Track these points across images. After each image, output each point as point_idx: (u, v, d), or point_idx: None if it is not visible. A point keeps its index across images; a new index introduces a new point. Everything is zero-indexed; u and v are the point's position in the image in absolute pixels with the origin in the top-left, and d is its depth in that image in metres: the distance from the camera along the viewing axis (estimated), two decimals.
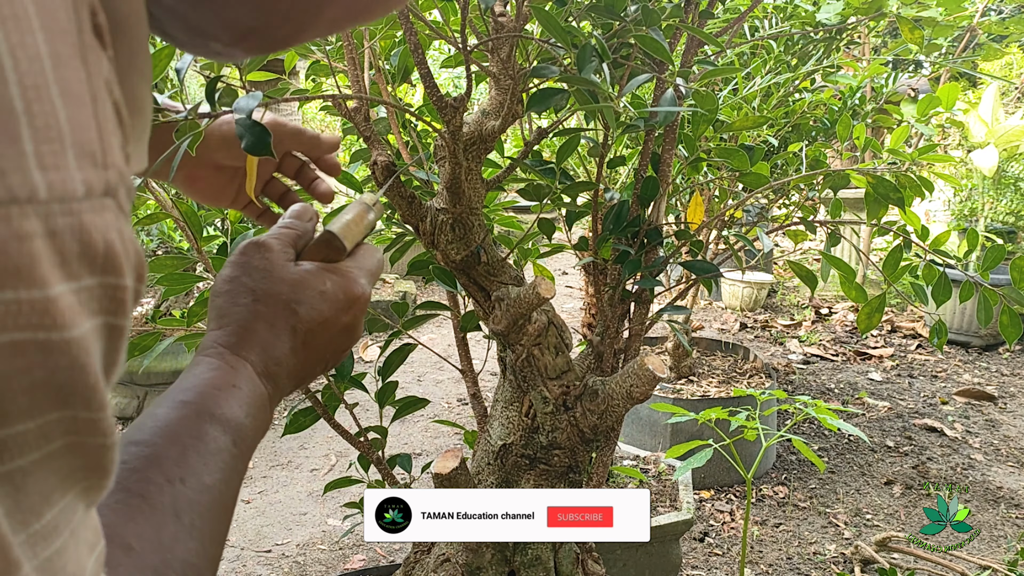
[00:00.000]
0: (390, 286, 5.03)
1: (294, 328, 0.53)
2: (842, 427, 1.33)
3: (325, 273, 0.56)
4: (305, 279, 0.55)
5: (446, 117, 0.85)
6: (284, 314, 0.53)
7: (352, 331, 0.58)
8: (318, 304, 0.54)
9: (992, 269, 1.03)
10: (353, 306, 0.57)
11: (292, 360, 0.53)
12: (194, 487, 0.42)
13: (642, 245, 1.05)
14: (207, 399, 0.46)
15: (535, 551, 1.07)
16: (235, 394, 0.47)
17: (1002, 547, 2.47)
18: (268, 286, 0.53)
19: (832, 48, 1.92)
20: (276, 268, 0.55)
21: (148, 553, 0.38)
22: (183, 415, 0.45)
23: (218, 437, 0.45)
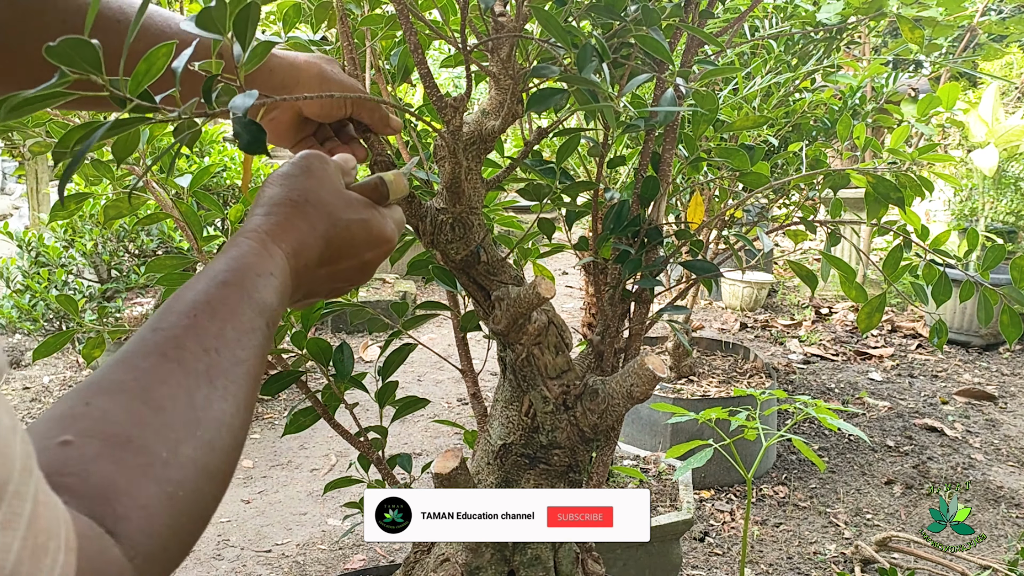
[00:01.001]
0: (390, 286, 5.03)
1: (330, 239, 0.56)
2: (842, 427, 1.33)
3: (370, 206, 0.61)
4: (353, 202, 0.59)
5: (446, 117, 0.85)
6: (326, 223, 0.56)
7: (368, 268, 0.63)
8: (356, 228, 0.59)
9: (992, 269, 1.03)
10: (380, 245, 0.62)
11: (316, 266, 0.56)
12: (228, 359, 0.44)
13: (642, 245, 1.05)
14: (246, 281, 0.49)
15: (535, 551, 1.07)
16: (271, 281, 0.50)
17: (1002, 547, 2.47)
18: (321, 193, 0.56)
19: (832, 48, 1.92)
20: (332, 181, 0.59)
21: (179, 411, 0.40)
22: (223, 293, 0.47)
23: (254, 318, 0.48)
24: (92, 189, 2.62)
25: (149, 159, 1.10)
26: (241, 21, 0.53)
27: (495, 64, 0.86)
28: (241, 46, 0.54)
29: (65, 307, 1.10)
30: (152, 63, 0.48)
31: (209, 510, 0.43)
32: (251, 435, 3.22)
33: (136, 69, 0.48)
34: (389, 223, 0.63)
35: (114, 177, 1.06)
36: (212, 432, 0.42)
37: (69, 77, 0.44)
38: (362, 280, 0.64)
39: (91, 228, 3.00)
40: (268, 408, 3.49)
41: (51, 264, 2.96)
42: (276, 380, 1.07)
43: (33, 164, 5.11)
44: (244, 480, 2.84)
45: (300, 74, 0.75)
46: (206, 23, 0.52)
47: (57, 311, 2.90)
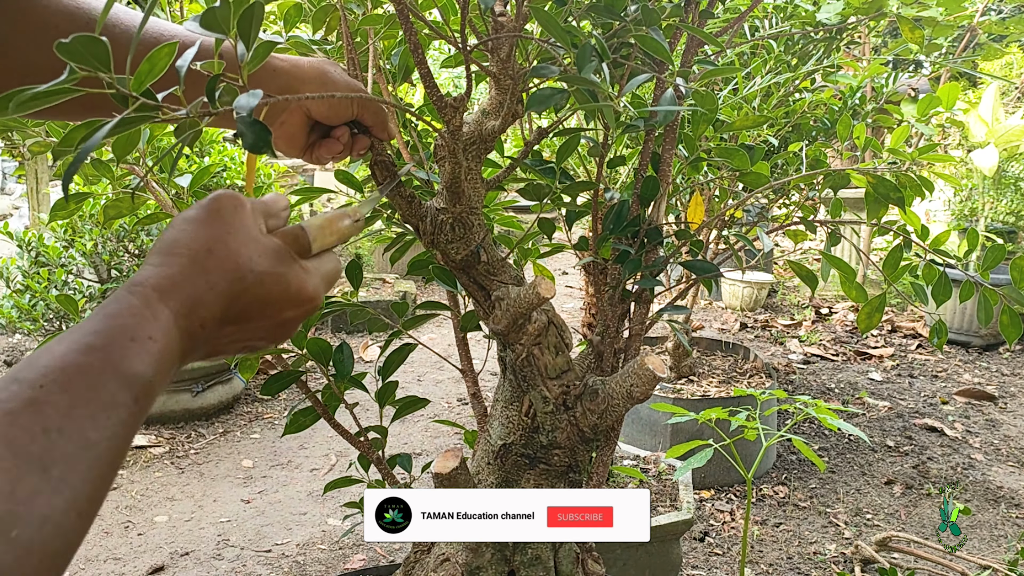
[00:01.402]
0: (390, 286, 5.02)
1: (235, 295, 0.49)
2: (842, 427, 1.33)
3: (289, 259, 0.53)
4: (269, 252, 0.52)
5: (446, 117, 0.85)
6: (231, 277, 0.49)
7: (288, 327, 0.55)
8: (269, 283, 0.51)
9: (992, 269, 1.03)
10: (302, 304, 0.54)
11: (218, 327, 0.50)
12: (74, 442, 0.38)
13: (642, 245, 1.05)
14: (115, 347, 0.42)
15: (535, 551, 1.07)
16: (148, 347, 0.44)
17: (1002, 547, 2.47)
18: (228, 242, 0.49)
19: (832, 48, 1.92)
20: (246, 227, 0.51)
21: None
22: (83, 361, 0.41)
23: (117, 392, 0.41)
24: (92, 189, 2.62)
25: (150, 159, 1.10)
26: (245, 21, 0.53)
27: (495, 64, 0.86)
28: (245, 45, 0.54)
29: (65, 307, 1.10)
30: (155, 63, 0.48)
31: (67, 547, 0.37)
32: (251, 435, 3.22)
33: (139, 68, 0.48)
34: (312, 278, 0.55)
35: (114, 177, 1.06)
36: (32, 531, 0.35)
37: (78, 74, 0.44)
38: (282, 338, 0.56)
39: (91, 228, 3.00)
40: (268, 408, 3.49)
41: (51, 264, 2.96)
42: (276, 380, 1.07)
43: (33, 164, 5.11)
44: (244, 480, 2.84)
45: (303, 77, 0.75)
46: (210, 23, 0.52)
47: (57, 311, 2.90)
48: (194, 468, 2.92)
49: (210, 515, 2.58)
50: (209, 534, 2.46)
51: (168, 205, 1.07)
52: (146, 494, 2.70)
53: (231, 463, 2.97)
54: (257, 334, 0.54)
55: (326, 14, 1.05)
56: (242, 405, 3.49)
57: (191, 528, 2.50)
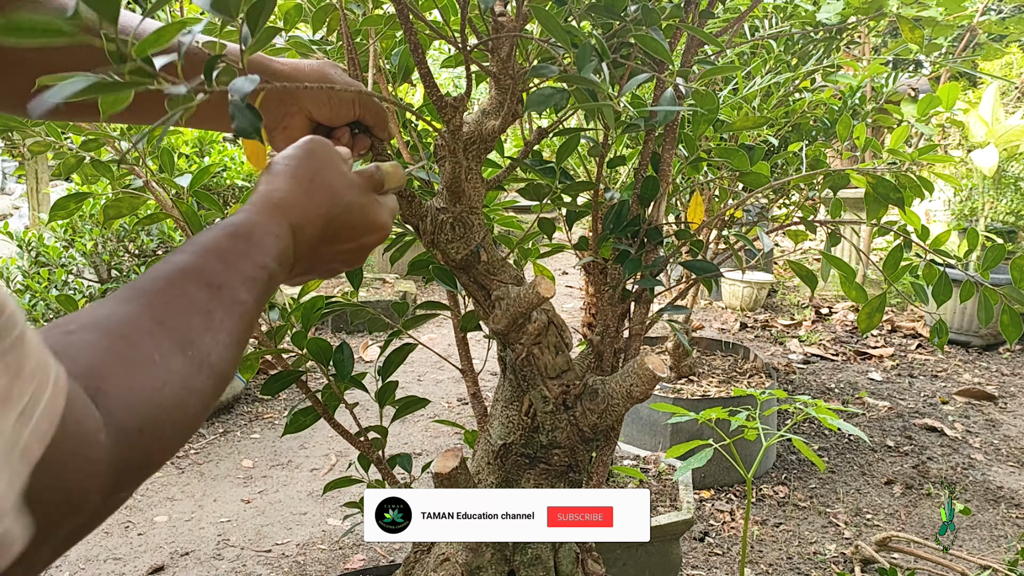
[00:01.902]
0: (390, 286, 5.03)
1: (331, 218, 0.59)
2: (842, 427, 1.33)
3: (368, 191, 0.64)
4: (354, 185, 0.62)
5: (446, 117, 0.85)
6: (329, 202, 0.59)
7: (364, 251, 0.66)
8: (356, 211, 0.62)
9: (992, 269, 1.03)
10: (376, 230, 0.65)
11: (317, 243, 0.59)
12: (228, 297, 0.48)
13: (642, 245, 1.05)
14: (254, 236, 0.53)
15: (535, 551, 1.07)
16: (275, 242, 0.54)
17: (1002, 547, 2.47)
18: (324, 174, 0.60)
19: (832, 48, 1.92)
20: (337, 164, 0.62)
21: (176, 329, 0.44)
22: (232, 242, 0.51)
23: (256, 269, 0.51)
24: (92, 189, 2.62)
25: (150, 160, 1.10)
26: (255, 9, 0.54)
27: (495, 64, 0.86)
28: (251, 30, 0.55)
29: (65, 307, 1.10)
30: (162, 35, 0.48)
31: (186, 426, 0.44)
32: (251, 435, 3.22)
33: (146, 38, 0.47)
34: (385, 210, 0.66)
35: (114, 177, 1.06)
36: (202, 355, 0.45)
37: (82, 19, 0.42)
38: (357, 262, 0.67)
39: (91, 228, 3.00)
40: (268, 408, 3.49)
41: (51, 264, 2.96)
42: (276, 380, 1.07)
43: (33, 164, 5.11)
44: (244, 480, 2.84)
45: (304, 78, 0.76)
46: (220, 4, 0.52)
47: (57, 311, 2.90)
48: (194, 468, 2.92)
49: (210, 515, 2.58)
50: (209, 534, 2.46)
51: (168, 205, 1.07)
52: (146, 494, 2.70)
53: (231, 463, 2.97)
54: (342, 256, 0.64)
55: (326, 14, 1.05)
56: (242, 405, 3.49)
57: (191, 528, 2.50)
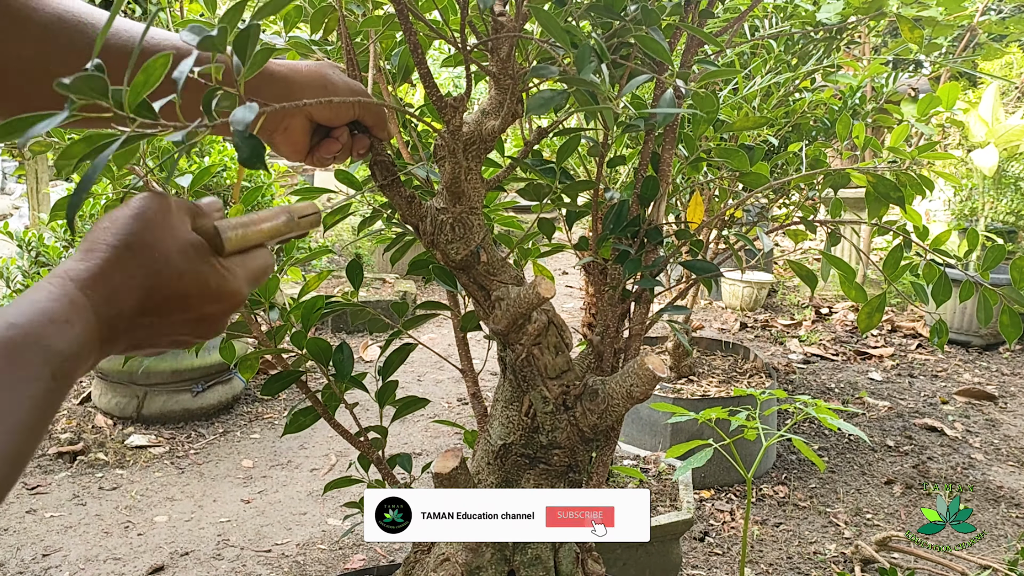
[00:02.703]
0: (390, 286, 5.02)
1: (151, 290, 0.52)
2: (842, 427, 1.33)
3: (208, 255, 0.56)
4: (189, 250, 0.55)
5: (446, 117, 0.85)
6: (148, 272, 0.52)
7: (213, 322, 0.58)
8: (189, 279, 0.54)
9: (992, 269, 1.03)
10: (220, 299, 0.57)
11: (137, 320, 0.52)
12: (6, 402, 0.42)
13: (642, 245, 1.05)
14: (36, 326, 0.45)
15: (535, 550, 1.07)
16: (65, 329, 0.47)
17: (1002, 546, 2.47)
18: (146, 239, 0.52)
19: (832, 48, 1.92)
20: (165, 226, 0.54)
21: None
22: (5, 336, 0.44)
23: (35, 367, 0.44)
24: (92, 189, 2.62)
25: (150, 160, 1.10)
26: (241, 41, 0.54)
27: (495, 64, 0.86)
28: (241, 60, 0.55)
29: None
30: (150, 74, 0.49)
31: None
32: (251, 435, 3.22)
33: (135, 80, 0.48)
34: (234, 276, 0.58)
35: (114, 177, 1.06)
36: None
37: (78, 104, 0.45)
38: (209, 332, 0.59)
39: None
40: (268, 408, 3.49)
41: (51, 264, 2.96)
42: (276, 380, 1.07)
43: (33, 164, 5.11)
44: (244, 480, 2.84)
45: (302, 81, 0.76)
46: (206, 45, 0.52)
47: None
48: (194, 468, 2.92)
49: (210, 515, 2.58)
50: (209, 534, 2.46)
51: None
52: (146, 494, 2.70)
53: (231, 463, 2.97)
54: (180, 328, 0.56)
55: (324, 15, 1.05)
56: (242, 405, 3.49)
57: (191, 528, 2.50)
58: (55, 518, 2.53)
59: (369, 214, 1.18)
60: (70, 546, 2.37)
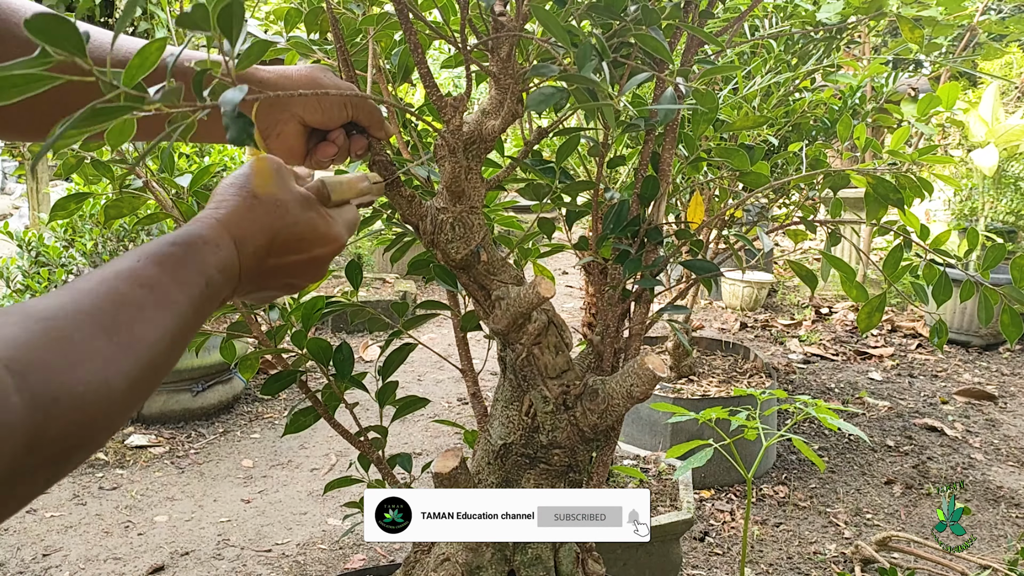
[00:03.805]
0: (390, 286, 5.02)
1: (275, 232, 0.61)
2: (842, 427, 1.33)
3: (316, 205, 0.65)
4: (301, 201, 0.63)
5: (446, 116, 0.85)
6: (272, 217, 0.61)
7: (319, 264, 0.66)
8: (303, 225, 0.63)
9: (992, 268, 1.03)
10: (327, 242, 0.66)
11: (264, 256, 0.61)
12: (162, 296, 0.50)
13: (642, 245, 1.05)
14: (193, 246, 0.55)
15: (535, 550, 1.07)
16: (215, 251, 0.56)
17: (1002, 546, 2.47)
18: (270, 190, 0.61)
19: (832, 47, 1.92)
20: (283, 180, 0.63)
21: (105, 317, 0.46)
22: (171, 251, 0.53)
23: (193, 275, 0.53)
24: (92, 189, 2.62)
25: (150, 160, 1.10)
26: (224, 18, 0.53)
27: (495, 64, 0.86)
28: (229, 41, 0.54)
29: None
30: (145, 57, 0.48)
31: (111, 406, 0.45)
32: (251, 435, 3.22)
33: (130, 63, 0.48)
34: (336, 223, 0.67)
35: (114, 177, 1.06)
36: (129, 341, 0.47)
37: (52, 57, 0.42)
38: (316, 275, 0.67)
39: (91, 228, 3.00)
40: (268, 408, 3.49)
41: (51, 264, 2.96)
42: (276, 380, 1.07)
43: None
44: (244, 480, 2.84)
45: (292, 85, 0.76)
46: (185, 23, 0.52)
47: None
48: (194, 468, 2.92)
49: (210, 515, 2.58)
50: (209, 534, 2.46)
51: (168, 205, 1.07)
52: (146, 494, 2.70)
53: (231, 463, 2.97)
54: (296, 269, 0.65)
55: (316, 16, 1.05)
56: (242, 405, 3.49)
57: (191, 528, 2.50)
58: (55, 518, 2.53)
59: (369, 214, 1.18)
60: (70, 546, 2.37)
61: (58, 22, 0.42)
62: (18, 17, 0.65)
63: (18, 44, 0.64)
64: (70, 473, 0.46)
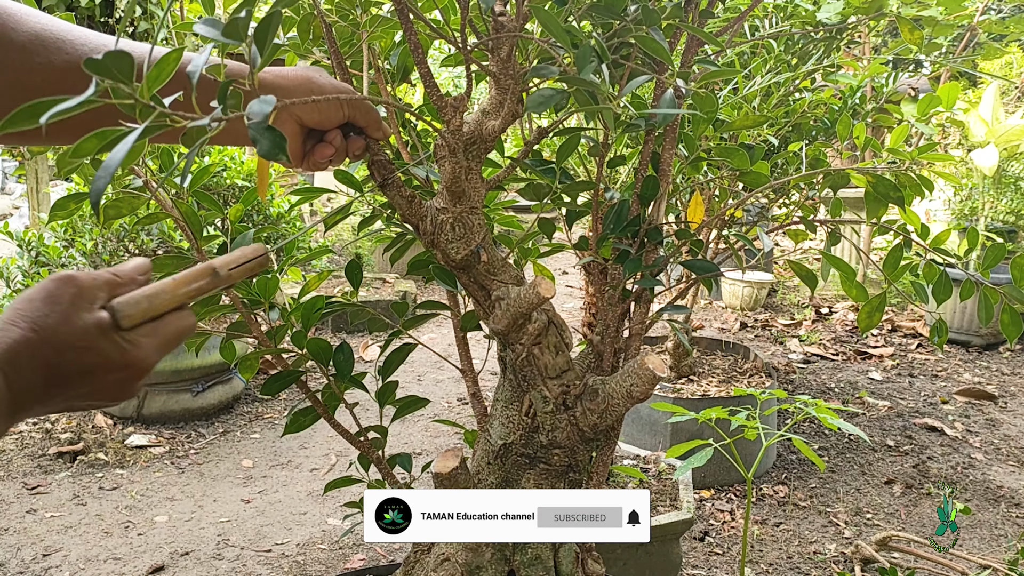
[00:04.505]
0: (390, 286, 5.02)
1: (56, 368, 0.58)
2: (842, 426, 1.33)
3: (109, 332, 0.60)
4: (86, 330, 0.59)
5: (446, 116, 0.85)
6: (50, 353, 0.58)
7: (118, 387, 0.62)
8: (90, 357, 0.59)
9: (992, 268, 1.03)
10: (124, 369, 0.61)
11: (46, 392, 0.58)
12: None
13: (642, 244, 1.05)
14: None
15: (535, 550, 1.07)
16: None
17: (1002, 546, 2.47)
18: (53, 321, 0.58)
19: (832, 47, 1.92)
20: (71, 307, 0.59)
21: None
22: None
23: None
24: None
25: (149, 159, 1.10)
26: (262, 28, 0.54)
27: (495, 64, 0.86)
28: (260, 50, 0.55)
29: None
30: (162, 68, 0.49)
31: None
32: (251, 435, 3.22)
33: (147, 75, 0.49)
34: (137, 348, 0.62)
35: (113, 178, 1.06)
36: None
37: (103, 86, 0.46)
38: (120, 396, 0.64)
39: (91, 228, 3.00)
40: (268, 408, 3.49)
41: (51, 264, 2.96)
42: (276, 380, 1.07)
43: (33, 164, 5.11)
44: (244, 480, 2.84)
45: (288, 87, 0.76)
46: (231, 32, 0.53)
47: None
48: (194, 468, 2.92)
49: (210, 515, 2.58)
50: (209, 534, 2.46)
51: (168, 205, 1.07)
52: (146, 494, 2.70)
53: (231, 463, 2.97)
54: (91, 396, 0.62)
55: (309, 23, 1.05)
56: (242, 405, 3.49)
57: (191, 528, 2.50)
58: (55, 518, 2.53)
59: (369, 214, 1.18)
60: (70, 546, 2.37)
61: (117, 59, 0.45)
62: (15, 23, 0.65)
63: (16, 48, 0.65)
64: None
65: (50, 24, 0.67)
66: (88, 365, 0.59)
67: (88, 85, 0.46)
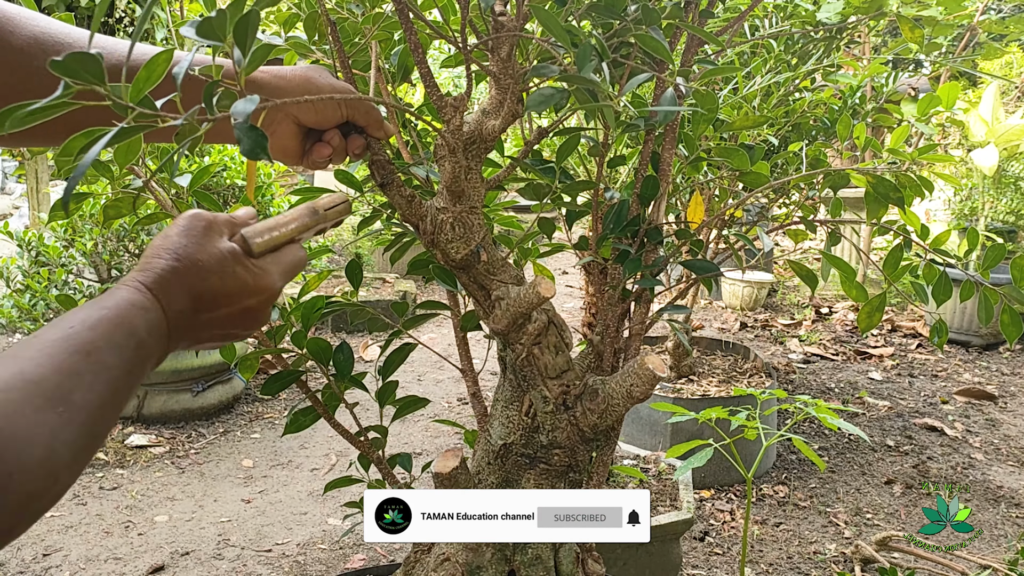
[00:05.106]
0: (390, 286, 5.02)
1: (201, 292, 0.63)
2: (842, 426, 1.33)
3: (243, 259, 0.66)
4: (224, 257, 0.65)
5: (446, 116, 0.85)
6: (193, 279, 0.63)
7: (253, 314, 0.68)
8: (228, 281, 0.65)
9: (992, 268, 1.03)
10: (258, 293, 0.67)
11: (194, 317, 0.63)
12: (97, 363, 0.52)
13: (642, 244, 1.05)
14: (122, 310, 0.57)
15: (535, 550, 1.07)
16: (144, 314, 0.58)
17: (1002, 546, 2.47)
18: (192, 251, 0.63)
19: (832, 47, 1.92)
20: (206, 239, 0.65)
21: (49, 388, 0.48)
22: (101, 316, 0.55)
23: (124, 338, 0.56)
24: (91, 189, 2.62)
25: (150, 160, 1.10)
26: (241, 28, 0.54)
27: (495, 64, 0.86)
28: (241, 51, 0.55)
29: (65, 307, 1.10)
30: (152, 70, 0.49)
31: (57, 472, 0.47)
32: (251, 435, 3.22)
33: (137, 76, 0.49)
34: (266, 274, 0.68)
35: (114, 177, 1.06)
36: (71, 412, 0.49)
37: (72, 88, 0.46)
38: (252, 325, 0.69)
39: (91, 228, 3.00)
40: (268, 408, 3.49)
41: (51, 264, 2.96)
42: (276, 380, 1.07)
43: (33, 164, 5.11)
44: (244, 480, 2.84)
45: (287, 87, 0.76)
46: (207, 32, 0.53)
47: (57, 311, 2.90)
48: (194, 468, 2.92)
49: (210, 515, 2.58)
50: (209, 534, 2.46)
51: (168, 205, 1.07)
52: (146, 494, 2.70)
53: (231, 463, 2.97)
54: (230, 321, 0.66)
55: (315, 20, 1.05)
56: (242, 405, 3.49)
57: (191, 528, 2.50)
58: (55, 518, 2.53)
59: (369, 214, 1.18)
60: (71, 546, 2.37)
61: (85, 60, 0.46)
62: (13, 26, 0.65)
63: (14, 51, 0.65)
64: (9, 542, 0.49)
65: (49, 27, 0.68)
66: (229, 288, 0.64)
67: None
